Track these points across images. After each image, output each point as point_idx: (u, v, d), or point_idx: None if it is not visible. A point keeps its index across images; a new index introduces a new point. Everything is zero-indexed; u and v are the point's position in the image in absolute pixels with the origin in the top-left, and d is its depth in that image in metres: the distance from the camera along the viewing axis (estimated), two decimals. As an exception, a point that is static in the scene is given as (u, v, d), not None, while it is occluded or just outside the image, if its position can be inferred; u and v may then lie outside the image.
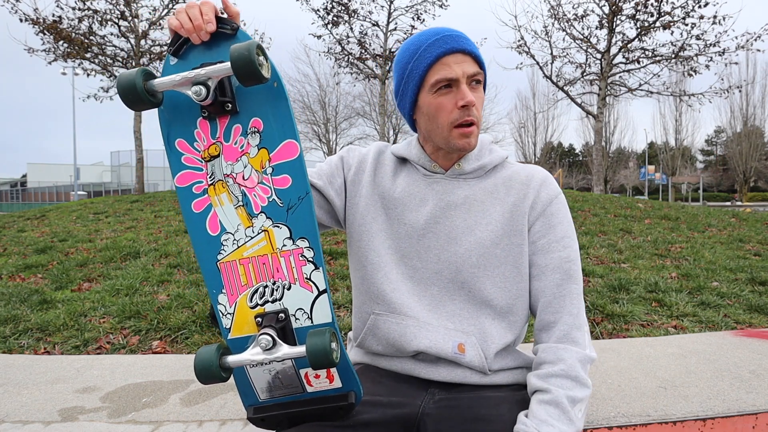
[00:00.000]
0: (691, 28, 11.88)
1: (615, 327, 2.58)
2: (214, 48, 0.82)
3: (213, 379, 0.81)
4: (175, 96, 0.84)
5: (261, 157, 0.85)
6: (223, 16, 0.82)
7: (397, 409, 0.96)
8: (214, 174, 0.86)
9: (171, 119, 0.86)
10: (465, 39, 0.98)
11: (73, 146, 28.13)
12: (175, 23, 0.81)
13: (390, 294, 1.03)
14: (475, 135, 1.00)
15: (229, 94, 0.83)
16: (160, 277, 3.58)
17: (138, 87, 0.75)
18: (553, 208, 1.04)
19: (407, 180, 1.08)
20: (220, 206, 0.86)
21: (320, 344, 0.78)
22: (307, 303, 0.86)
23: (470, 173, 1.07)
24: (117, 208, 7.72)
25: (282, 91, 0.83)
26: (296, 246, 0.86)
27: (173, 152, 0.87)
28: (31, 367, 1.90)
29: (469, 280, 1.01)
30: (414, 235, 1.04)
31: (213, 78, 0.78)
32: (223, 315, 0.88)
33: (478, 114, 1.00)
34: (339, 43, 13.33)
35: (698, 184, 43.68)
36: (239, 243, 0.86)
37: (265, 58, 0.78)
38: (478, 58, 0.98)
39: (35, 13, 10.69)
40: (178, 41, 0.83)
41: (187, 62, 0.83)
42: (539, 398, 0.91)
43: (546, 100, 34.62)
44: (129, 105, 0.77)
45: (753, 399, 1.44)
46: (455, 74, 0.95)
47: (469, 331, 1.01)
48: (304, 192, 0.85)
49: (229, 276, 0.87)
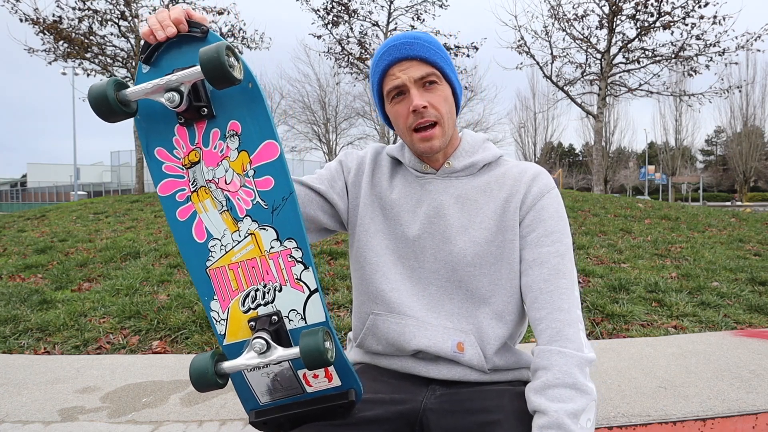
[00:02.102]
0: (691, 28, 11.89)
1: (615, 327, 2.58)
2: (185, 53, 0.81)
3: (209, 386, 0.81)
4: (151, 104, 0.82)
5: (241, 160, 0.84)
6: (192, 20, 0.81)
7: (400, 406, 0.97)
8: (196, 180, 0.85)
9: (148, 128, 0.84)
10: (410, 45, 0.99)
11: (73, 146, 28.14)
12: (144, 29, 0.81)
13: (389, 294, 1.04)
14: (437, 137, 1.00)
15: (204, 98, 0.81)
16: (160, 277, 3.58)
17: (110, 98, 0.74)
18: (544, 201, 1.02)
19: (402, 182, 1.09)
20: (205, 212, 0.85)
21: (313, 344, 0.78)
22: (300, 304, 0.86)
23: (461, 171, 1.07)
24: (117, 208, 7.72)
25: (257, 91, 0.82)
26: (284, 247, 0.85)
27: (153, 161, 0.85)
28: (31, 367, 1.90)
29: (466, 278, 1.02)
30: (410, 236, 1.05)
31: (185, 83, 0.76)
32: (216, 321, 0.88)
33: (438, 111, 1.00)
34: (339, 43, 13.33)
35: (698, 184, 43.66)
36: (227, 248, 0.86)
37: (236, 59, 0.76)
38: (427, 59, 0.99)
39: (35, 13, 10.69)
40: (148, 48, 0.81)
41: (160, 69, 0.81)
42: (539, 423, 0.85)
43: (546, 100, 34.64)
44: (103, 117, 0.75)
45: (753, 399, 1.44)
46: (401, 81, 0.98)
47: (468, 329, 1.02)
48: (288, 192, 0.84)
49: (219, 282, 0.87)
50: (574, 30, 12.94)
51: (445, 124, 1.01)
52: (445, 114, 1.01)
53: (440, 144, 1.01)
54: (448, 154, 1.08)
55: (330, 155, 25.68)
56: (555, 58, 13.30)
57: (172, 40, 0.81)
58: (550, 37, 13.25)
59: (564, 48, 13.30)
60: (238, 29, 12.36)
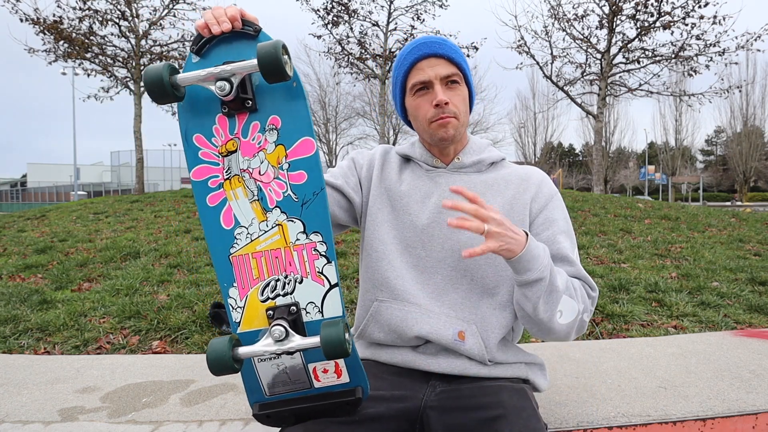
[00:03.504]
0: (691, 28, 11.88)
1: (615, 327, 2.58)
2: (235, 48, 0.85)
3: (226, 370, 0.82)
4: (195, 92, 0.86)
5: (278, 153, 0.87)
6: (245, 19, 0.86)
7: (401, 403, 0.98)
8: (231, 169, 0.88)
9: (190, 115, 0.88)
10: (440, 44, 1.06)
11: (73, 146, 28.15)
12: (200, 22, 0.85)
13: (393, 281, 1.06)
14: (453, 125, 1.06)
15: (250, 91, 0.85)
16: (160, 277, 3.58)
17: (164, 81, 0.78)
18: (554, 204, 1.11)
19: (412, 176, 1.15)
20: (235, 200, 0.88)
21: (335, 334, 0.79)
22: (319, 297, 0.88)
23: (470, 166, 1.14)
24: (117, 208, 7.72)
25: (301, 90, 0.86)
26: (309, 240, 0.87)
27: (190, 147, 0.88)
28: (31, 367, 1.90)
29: (472, 268, 1.05)
30: (419, 225, 1.08)
31: (237, 74, 0.80)
32: (233, 309, 0.89)
33: (458, 109, 1.06)
34: (339, 43, 13.33)
35: (698, 184, 43.66)
36: (253, 237, 0.88)
37: (289, 57, 0.81)
38: (453, 60, 1.05)
39: (36, 13, 10.69)
40: (201, 41, 0.85)
41: (209, 61, 0.86)
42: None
43: (546, 100, 34.63)
44: (154, 99, 0.80)
45: (753, 399, 1.44)
46: (428, 77, 1.05)
47: (470, 319, 1.04)
48: (319, 188, 0.87)
49: (240, 270, 0.88)
50: (574, 30, 12.94)
51: (462, 121, 1.09)
52: (463, 112, 1.08)
53: (454, 133, 1.08)
54: (458, 150, 1.15)
55: (330, 155, 25.66)
56: (555, 58, 13.30)
57: (225, 35, 0.85)
58: (550, 37, 13.25)
59: (564, 48, 13.30)
60: (238, 29, 12.34)
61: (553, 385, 1.56)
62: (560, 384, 1.57)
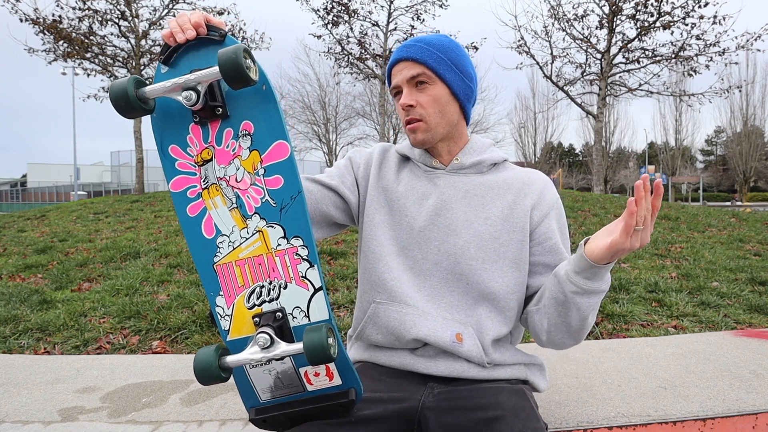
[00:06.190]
0: (691, 28, 11.88)
1: (615, 327, 2.58)
2: (203, 54, 0.84)
3: (213, 380, 0.82)
4: (168, 103, 0.85)
5: (253, 159, 0.86)
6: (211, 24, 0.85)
7: (398, 404, 0.98)
8: (208, 178, 0.87)
9: (164, 126, 0.87)
10: (409, 47, 1.05)
11: (73, 146, 28.15)
12: (165, 31, 0.84)
13: (390, 282, 1.06)
14: (421, 129, 1.06)
15: (219, 98, 0.84)
16: (160, 277, 3.58)
17: (130, 95, 0.77)
18: (556, 211, 1.10)
19: (410, 176, 1.13)
20: (215, 209, 0.87)
21: (317, 339, 0.79)
22: (304, 301, 0.87)
23: (469, 167, 1.12)
24: (117, 208, 7.72)
25: (271, 93, 0.85)
26: (290, 245, 0.87)
27: (167, 158, 0.88)
28: (31, 367, 1.90)
29: (467, 271, 1.04)
30: (415, 227, 1.07)
31: (202, 82, 0.79)
32: (221, 317, 0.89)
33: (424, 110, 1.05)
34: (339, 43, 13.33)
35: (698, 184, 43.64)
36: (234, 245, 0.87)
37: (253, 61, 0.79)
38: (419, 60, 1.04)
39: (35, 13, 10.69)
40: (168, 50, 0.85)
41: (178, 70, 0.85)
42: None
43: (546, 100, 34.56)
44: (121, 113, 0.79)
45: (753, 399, 1.44)
46: (397, 81, 1.06)
47: (467, 321, 1.04)
48: (296, 191, 0.86)
49: (225, 278, 0.88)
50: (574, 30, 12.94)
51: (431, 122, 1.06)
52: (432, 113, 1.05)
53: (423, 137, 1.07)
54: (453, 152, 1.13)
55: (330, 155, 25.66)
56: (555, 58, 13.30)
57: (191, 42, 0.84)
58: (550, 37, 13.25)
59: (564, 48, 13.30)
60: (239, 29, 12.36)
61: (553, 385, 1.56)
62: (560, 384, 1.57)
